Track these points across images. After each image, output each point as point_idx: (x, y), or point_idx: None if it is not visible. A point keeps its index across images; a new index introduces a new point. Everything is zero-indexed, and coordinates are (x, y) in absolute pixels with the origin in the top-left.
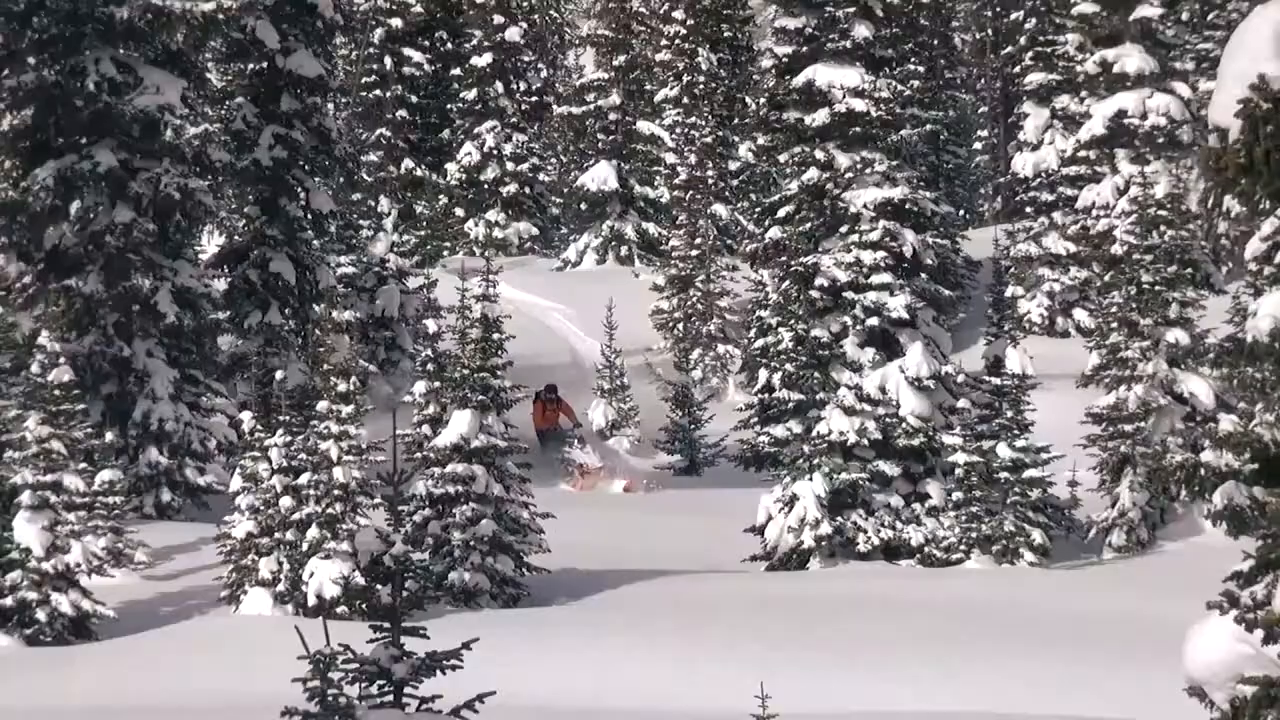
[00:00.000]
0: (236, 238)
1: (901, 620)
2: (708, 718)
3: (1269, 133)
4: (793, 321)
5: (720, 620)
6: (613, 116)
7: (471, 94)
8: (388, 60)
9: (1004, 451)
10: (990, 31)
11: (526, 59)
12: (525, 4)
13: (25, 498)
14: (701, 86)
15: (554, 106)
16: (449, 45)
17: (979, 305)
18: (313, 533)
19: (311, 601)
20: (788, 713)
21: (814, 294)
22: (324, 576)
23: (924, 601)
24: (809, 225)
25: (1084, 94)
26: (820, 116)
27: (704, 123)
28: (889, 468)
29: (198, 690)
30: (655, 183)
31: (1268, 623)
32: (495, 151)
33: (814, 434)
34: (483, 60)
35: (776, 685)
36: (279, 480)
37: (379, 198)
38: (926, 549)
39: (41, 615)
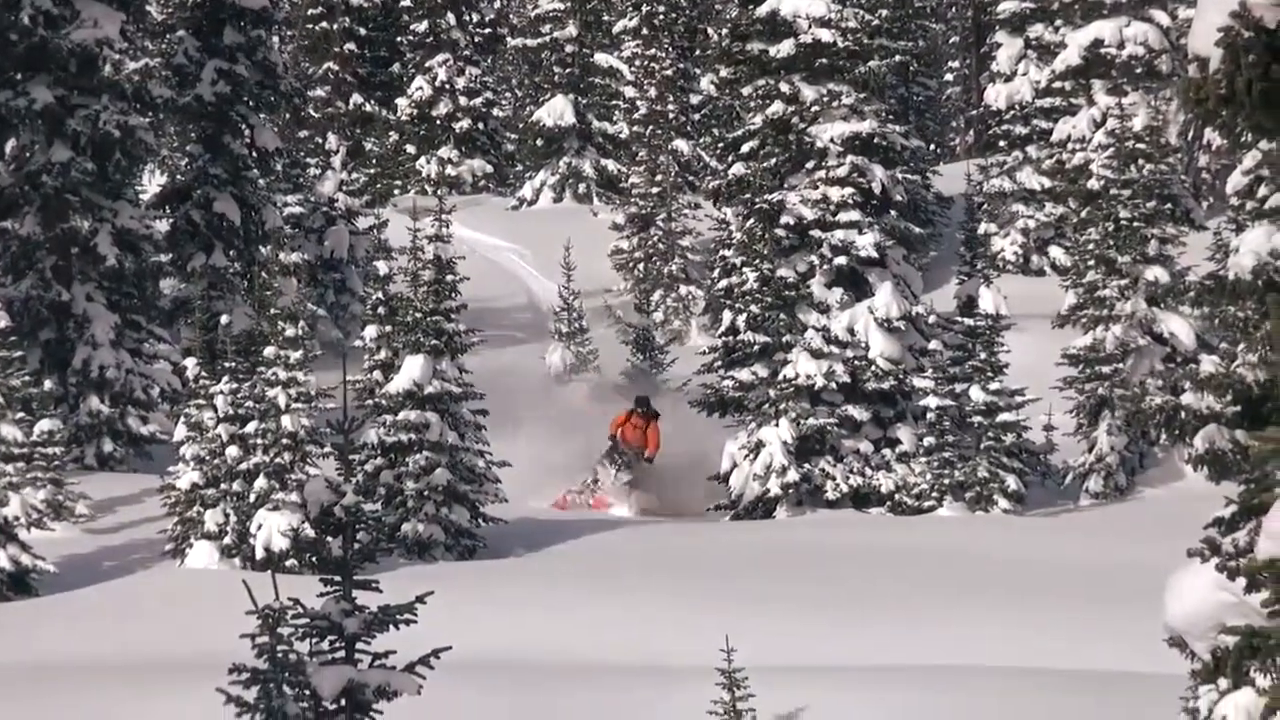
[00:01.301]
0: (179, 177)
1: (871, 570)
2: (671, 670)
3: (1251, 62)
4: (757, 261)
5: (683, 571)
6: (569, 49)
7: (422, 26)
8: None
9: (977, 394)
10: None
11: None
12: None
13: None
14: (661, 17)
15: (508, 39)
16: None
17: (951, 243)
18: (260, 483)
19: (259, 554)
20: (753, 665)
21: (779, 232)
22: (272, 528)
23: (894, 551)
24: (774, 161)
25: (1059, 22)
26: (785, 48)
27: (664, 55)
28: (858, 412)
29: (141, 647)
30: (614, 118)
31: (1250, 570)
32: (447, 86)
33: (780, 378)
34: None
35: (741, 637)
36: (225, 429)
37: (326, 134)
38: (897, 496)
39: None
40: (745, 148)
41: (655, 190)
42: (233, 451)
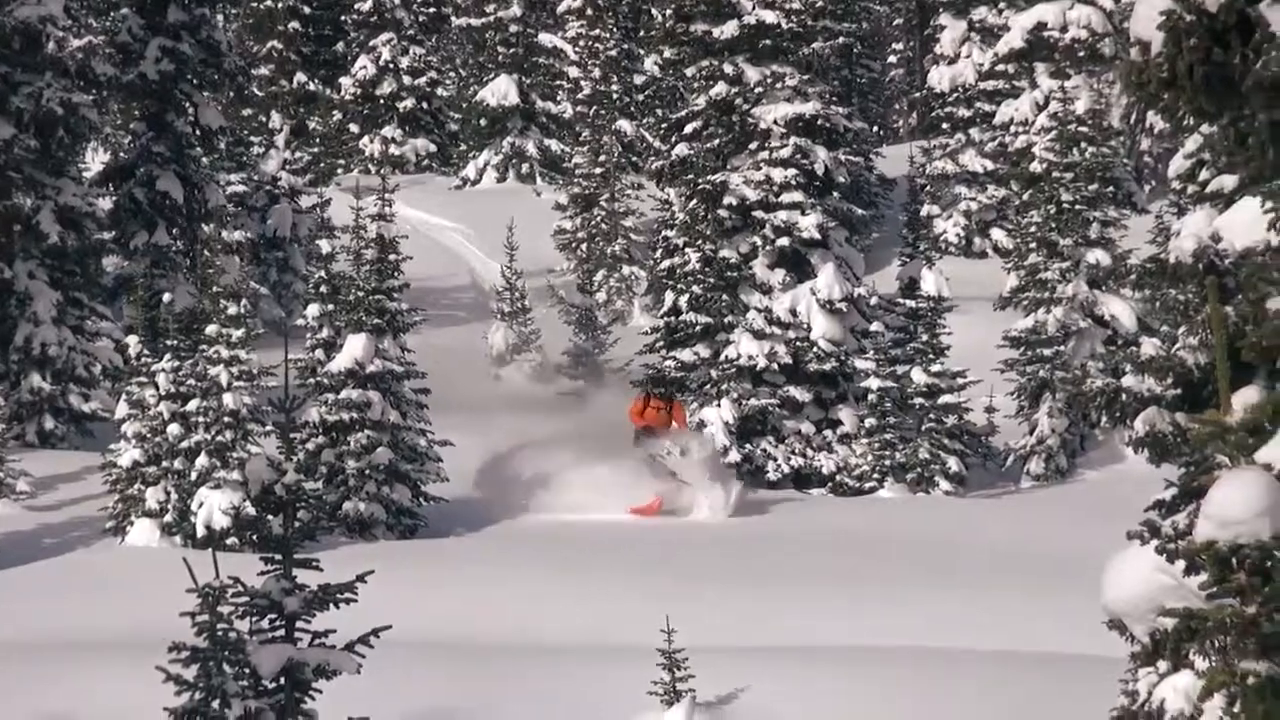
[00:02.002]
0: (122, 155)
1: (811, 551)
2: (612, 650)
3: (1192, 45)
4: (700, 242)
5: (625, 552)
6: (513, 28)
7: (366, 4)
8: None
9: (919, 376)
10: None
11: None
12: None
13: None
14: None
15: (452, 18)
16: None
17: (893, 225)
18: (201, 461)
19: (200, 532)
20: (692, 646)
21: (722, 213)
22: (213, 506)
23: (835, 532)
24: (717, 142)
25: (1002, 5)
26: (729, 28)
27: (608, 35)
28: (800, 393)
29: (81, 624)
30: (558, 98)
31: (1189, 553)
32: (391, 65)
33: (722, 358)
34: None
35: (681, 618)
36: (166, 407)
37: (270, 113)
38: (838, 477)
39: None
40: (688, 128)
41: (598, 170)
42: (174, 429)
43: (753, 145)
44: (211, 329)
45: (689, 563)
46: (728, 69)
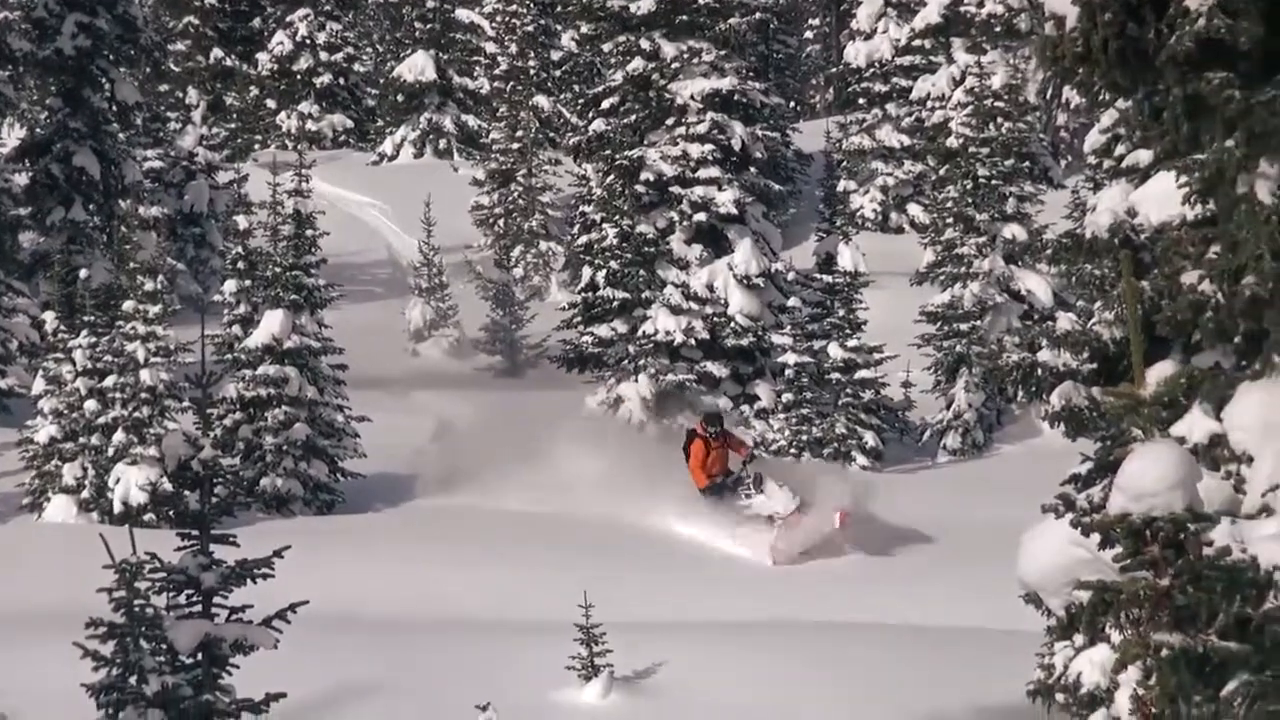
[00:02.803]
0: (38, 131)
1: None
2: (529, 627)
3: (1107, 20)
4: (617, 217)
5: (543, 528)
6: (430, 4)
7: None
8: None
9: (835, 351)
10: None
11: None
12: None
13: None
14: None
15: None
16: None
17: (810, 200)
18: (119, 437)
19: (117, 508)
20: (609, 622)
21: (639, 189)
22: (130, 483)
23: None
24: (634, 117)
25: None
26: (645, 4)
27: (525, 10)
28: (717, 369)
29: None
30: (475, 73)
31: (1104, 526)
32: (308, 40)
33: (639, 334)
34: None
35: (600, 594)
36: (83, 383)
37: (187, 89)
38: (756, 452)
39: None
40: (605, 104)
41: (516, 146)
42: (91, 405)
43: (670, 121)
44: (128, 305)
45: (608, 538)
46: (644, 44)
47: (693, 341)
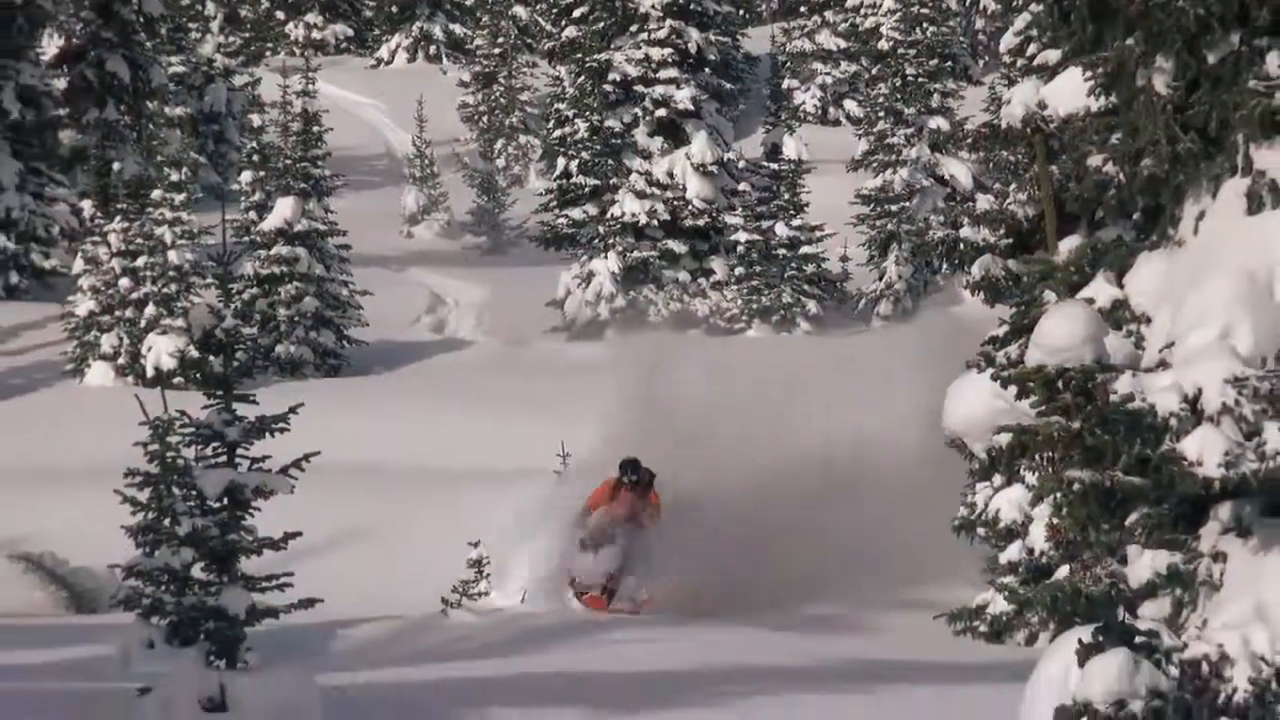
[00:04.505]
0: (74, 40)
1: (692, 384)
2: (515, 472)
3: None
4: (588, 113)
5: (527, 385)
6: None
7: None
8: None
9: (781, 230)
10: None
11: None
12: None
13: None
14: None
15: None
16: None
17: (758, 97)
18: (150, 310)
19: (150, 373)
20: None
21: (607, 88)
22: (161, 350)
23: (710, 365)
24: (601, 24)
25: None
26: None
27: None
28: (677, 246)
29: (45, 455)
30: None
31: (1022, 378)
32: None
33: (608, 216)
34: None
35: (578, 442)
36: (118, 263)
37: (205, 2)
38: (712, 319)
39: None
40: (577, 13)
41: (497, 51)
42: (125, 282)
43: (633, 28)
44: (157, 194)
45: (585, 394)
46: None
47: (655, 222)
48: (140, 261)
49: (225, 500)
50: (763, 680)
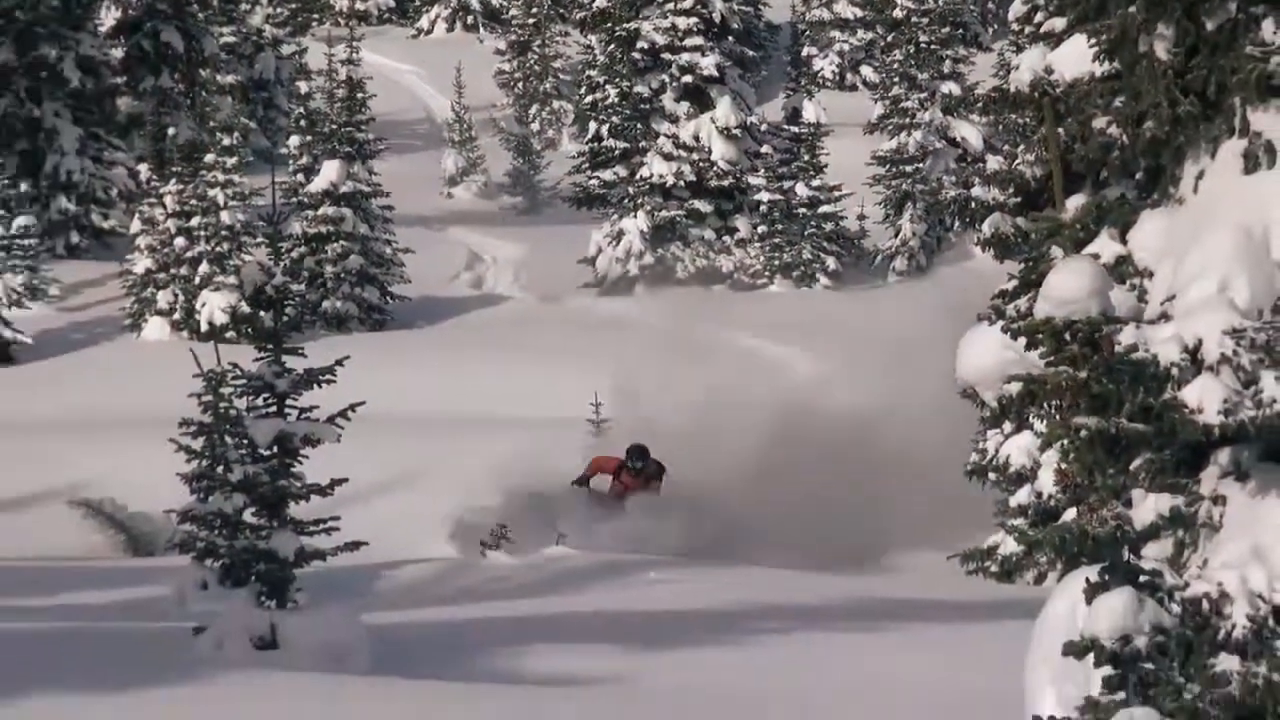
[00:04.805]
0: (131, 11)
1: (725, 330)
2: (551, 421)
3: None
4: (618, 80)
5: (562, 338)
6: None
7: None
8: None
9: (802, 190)
10: None
11: None
12: None
13: None
14: None
15: None
16: None
17: (779, 64)
18: (204, 268)
19: (204, 328)
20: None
21: (636, 56)
22: (214, 306)
23: (738, 320)
24: None
25: None
26: None
27: None
28: (703, 205)
29: (107, 406)
30: None
31: (1030, 329)
32: None
33: (637, 177)
34: None
35: (605, 392)
36: (173, 223)
37: None
38: (736, 275)
39: None
40: None
41: (531, 21)
42: (180, 242)
43: None
44: (209, 157)
45: (615, 347)
46: None
47: (682, 183)
48: (194, 222)
49: (275, 448)
50: (784, 618)
